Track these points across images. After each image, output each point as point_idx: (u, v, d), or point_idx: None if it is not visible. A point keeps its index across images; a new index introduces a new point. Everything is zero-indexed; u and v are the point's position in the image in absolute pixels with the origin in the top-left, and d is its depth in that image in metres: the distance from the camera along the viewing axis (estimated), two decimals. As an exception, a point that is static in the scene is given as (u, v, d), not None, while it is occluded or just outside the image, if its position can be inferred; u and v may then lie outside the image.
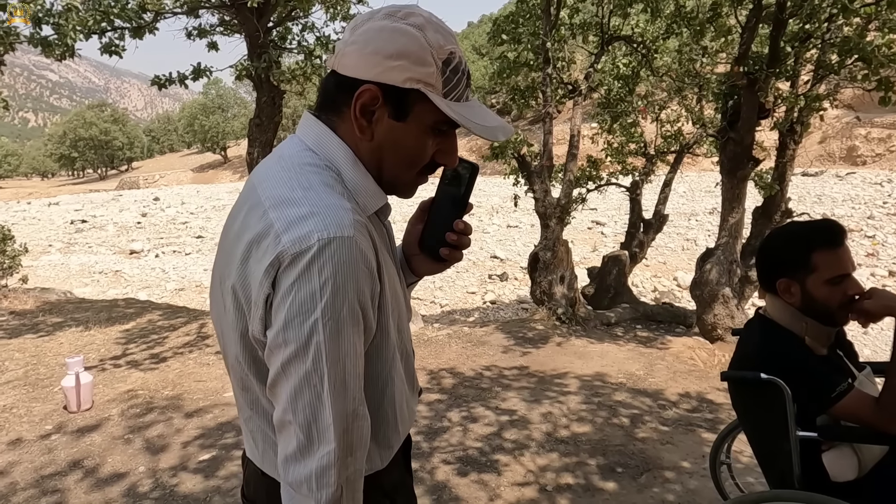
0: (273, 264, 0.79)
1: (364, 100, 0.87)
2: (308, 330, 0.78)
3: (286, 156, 0.92)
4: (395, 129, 0.90)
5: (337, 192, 0.86)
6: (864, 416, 1.68)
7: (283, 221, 0.81)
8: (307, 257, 0.77)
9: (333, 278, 0.77)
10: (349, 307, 0.79)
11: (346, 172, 0.91)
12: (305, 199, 0.82)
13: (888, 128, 24.27)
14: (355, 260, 0.79)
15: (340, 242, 0.78)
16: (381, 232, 0.98)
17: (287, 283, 0.78)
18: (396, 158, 0.92)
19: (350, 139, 0.92)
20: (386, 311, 0.91)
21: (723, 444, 2.61)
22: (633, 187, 8.48)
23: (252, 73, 6.13)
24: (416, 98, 0.87)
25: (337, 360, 0.80)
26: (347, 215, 0.81)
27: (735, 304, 5.91)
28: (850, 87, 5.89)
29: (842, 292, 1.77)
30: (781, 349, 1.82)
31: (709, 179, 18.34)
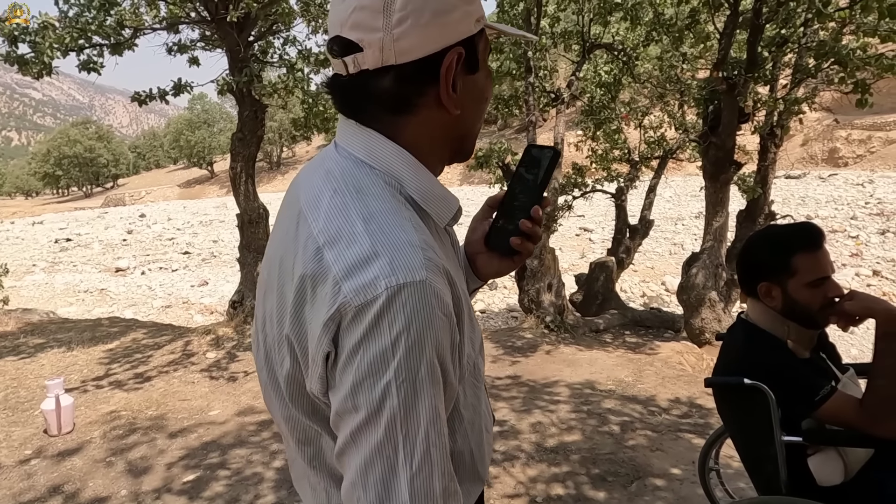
0: (333, 318, 0.67)
1: (448, 70, 0.75)
2: (380, 394, 0.66)
3: (335, 172, 0.77)
4: (474, 82, 0.79)
5: (405, 215, 0.73)
6: (848, 418, 1.67)
7: (342, 264, 0.67)
8: (374, 310, 0.65)
9: (407, 332, 0.65)
10: (427, 365, 0.67)
11: (408, 181, 0.78)
12: (367, 234, 0.69)
13: (867, 129, 24.66)
14: (431, 308, 0.66)
15: (413, 289, 0.65)
16: (447, 240, 0.87)
17: (353, 341, 0.66)
18: (478, 112, 0.82)
19: (426, 134, 0.79)
20: (466, 346, 0.78)
21: (711, 450, 2.60)
22: (619, 193, 8.52)
23: (234, 87, 6.10)
24: (479, 38, 0.79)
25: (416, 428, 0.67)
26: (418, 254, 0.68)
27: (722, 308, 5.93)
28: (828, 90, 5.97)
29: (822, 295, 1.77)
30: (764, 354, 1.81)
31: (694, 184, 18.50)
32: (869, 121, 24.18)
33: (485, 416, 0.93)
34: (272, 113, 30.88)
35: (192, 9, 6.00)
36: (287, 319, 0.73)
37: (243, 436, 3.87)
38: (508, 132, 36.79)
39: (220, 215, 30.06)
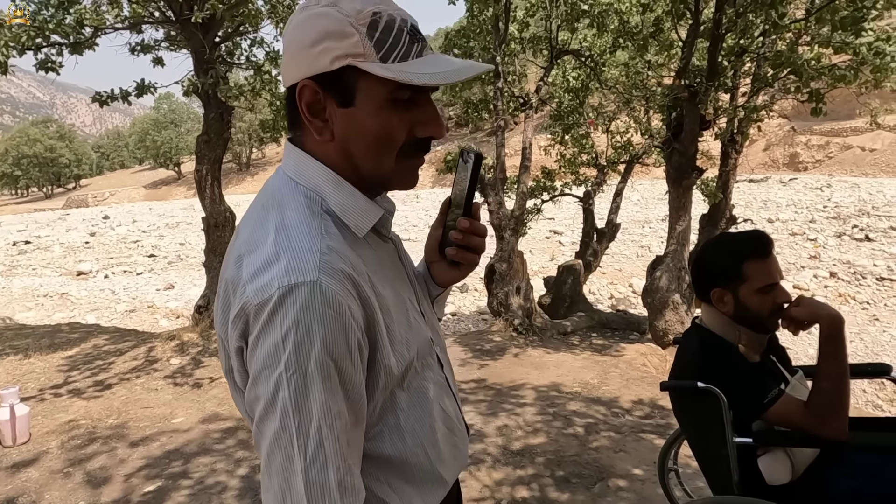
0: (239, 315, 0.75)
1: (306, 98, 0.81)
2: (273, 385, 0.72)
3: (268, 189, 0.86)
4: (349, 116, 0.82)
5: (315, 225, 0.79)
6: (795, 420, 1.73)
7: (249, 269, 0.76)
8: (269, 307, 0.72)
9: (296, 328, 0.71)
10: (317, 360, 0.71)
11: (330, 196, 0.84)
12: (275, 242, 0.77)
13: (826, 135, 25.50)
14: (321, 306, 0.72)
15: (304, 289, 0.72)
16: (381, 249, 0.91)
17: (253, 336, 0.74)
18: (365, 147, 0.83)
19: (319, 151, 0.85)
20: (386, 351, 0.82)
21: (669, 450, 2.66)
22: (586, 197, 8.64)
23: (199, 89, 6.00)
24: (353, 76, 0.79)
25: (308, 420, 0.72)
26: (314, 257, 0.74)
27: (685, 310, 6.07)
28: (785, 98, 6.17)
29: (772, 300, 1.83)
30: (717, 358, 1.87)
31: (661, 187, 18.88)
32: (827, 127, 25.00)
33: (444, 416, 0.96)
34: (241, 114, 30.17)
35: (155, 8, 5.89)
36: (219, 320, 0.82)
37: (207, 443, 3.81)
38: (480, 135, 36.98)
39: (188, 217, 29.47)
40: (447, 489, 0.96)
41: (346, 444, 0.75)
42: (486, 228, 1.01)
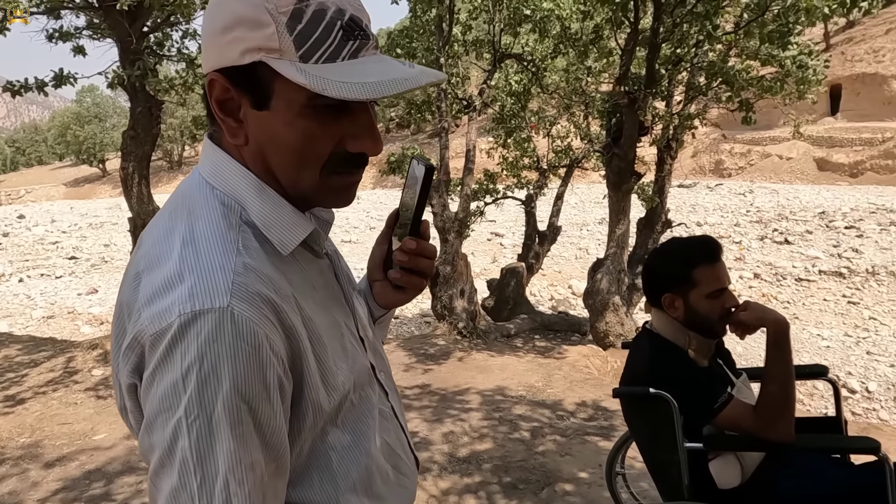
0: (132, 346, 0.64)
1: (216, 94, 0.69)
2: (171, 433, 0.60)
3: (180, 193, 0.74)
4: (264, 120, 0.69)
5: (230, 238, 0.67)
6: (744, 424, 1.74)
7: (147, 290, 0.64)
8: (167, 338, 0.60)
9: (199, 364, 0.59)
10: (225, 403, 0.60)
11: (251, 205, 0.71)
12: (180, 258, 0.64)
13: (748, 143, 26.98)
14: (233, 338, 0.60)
15: (211, 317, 0.60)
16: (313, 266, 0.79)
17: (148, 371, 0.62)
18: (282, 158, 0.71)
19: (236, 154, 0.73)
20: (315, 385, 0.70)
21: (617, 455, 2.66)
22: (528, 200, 8.73)
23: (125, 81, 5.63)
24: (269, 73, 0.66)
25: (213, 475, 0.60)
26: (226, 278, 0.62)
27: (624, 312, 6.21)
28: (717, 107, 6.44)
29: (720, 305, 1.84)
30: (668, 363, 1.86)
31: (597, 191, 19.43)
32: (748, 136, 26.44)
33: (388, 452, 0.85)
34: (172, 109, 28.98)
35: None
36: (112, 350, 0.70)
37: (133, 461, 3.54)
38: (421, 137, 36.95)
39: (113, 217, 27.87)
40: None
41: (262, 500, 0.63)
42: (435, 249, 0.89)
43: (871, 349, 8.33)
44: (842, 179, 23.28)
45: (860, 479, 1.78)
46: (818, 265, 12.08)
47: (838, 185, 22.42)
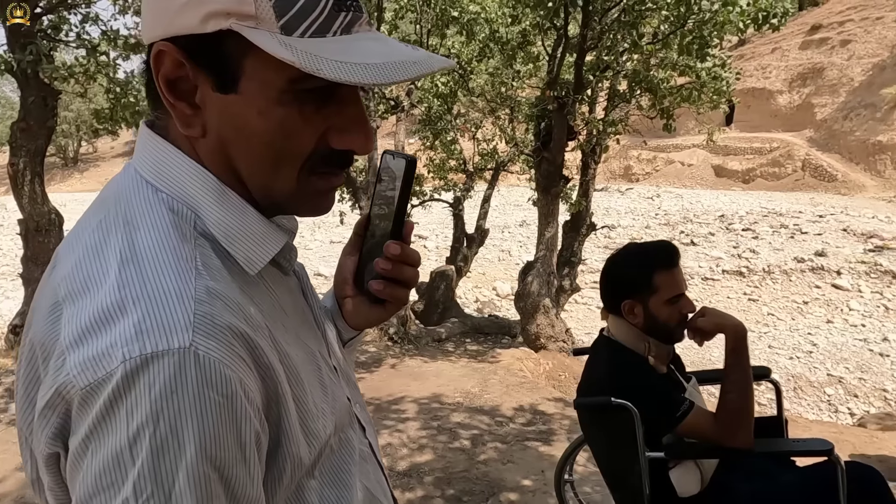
0: (52, 405, 0.47)
1: (164, 70, 0.53)
2: None
3: (110, 198, 0.57)
4: (230, 106, 0.54)
5: (184, 255, 0.52)
6: (705, 431, 1.74)
7: (74, 326, 0.48)
8: (107, 393, 0.45)
9: (154, 425, 0.45)
10: (189, 473, 0.45)
11: (208, 212, 0.56)
12: (119, 283, 0.48)
13: (654, 150, 28.56)
14: (196, 388, 0.46)
15: (168, 361, 0.45)
16: (281, 286, 0.64)
17: (79, 438, 0.46)
18: (251, 155, 0.56)
19: (188, 147, 0.57)
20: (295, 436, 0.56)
21: (566, 464, 2.63)
22: (456, 203, 8.72)
23: (14, 67, 5.04)
24: (239, 47, 0.51)
25: None
26: (186, 308, 0.48)
27: (554, 314, 6.31)
28: (639, 114, 6.70)
29: (678, 311, 1.83)
30: (629, 372, 1.83)
31: (517, 194, 19.84)
32: (654, 143, 27.97)
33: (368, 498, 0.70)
34: (68, 101, 26.82)
35: (-47, -34, 4.85)
36: (21, 406, 0.53)
37: (28, 497, 3.13)
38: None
39: (-4, 219, 25.27)
40: None
41: None
42: (419, 255, 0.75)
43: (772, 343, 8.99)
44: (736, 185, 25.17)
45: (812, 479, 1.83)
46: (721, 265, 12.92)
47: (733, 191, 24.21)
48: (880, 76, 23.78)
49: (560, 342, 6.14)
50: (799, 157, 23.84)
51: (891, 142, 21.41)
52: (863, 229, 13.64)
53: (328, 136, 0.57)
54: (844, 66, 25.60)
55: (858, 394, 7.29)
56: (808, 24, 29.13)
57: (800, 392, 7.51)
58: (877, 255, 11.68)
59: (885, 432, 4.28)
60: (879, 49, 24.97)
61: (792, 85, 27.18)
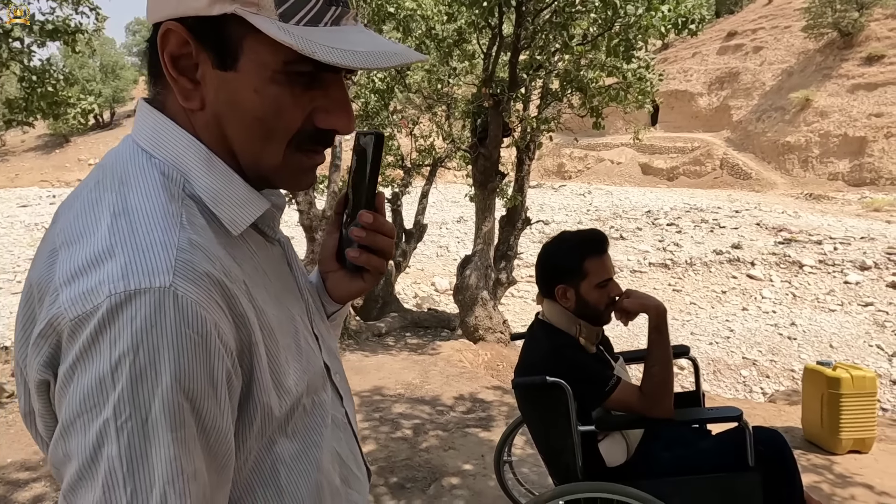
0: (45, 334, 0.52)
1: (170, 48, 0.60)
2: (94, 438, 0.50)
3: (107, 163, 0.63)
4: (227, 82, 0.61)
5: (171, 211, 0.57)
6: (631, 404, 1.88)
7: (67, 267, 0.54)
8: (93, 324, 0.50)
9: (134, 354, 0.50)
10: (164, 401, 0.50)
11: (197, 176, 0.62)
12: (109, 231, 0.54)
13: (585, 149, 29.53)
14: (175, 323, 0.51)
15: (148, 297, 0.51)
16: (265, 251, 0.71)
17: (66, 365, 0.51)
18: (242, 128, 0.63)
19: (185, 120, 0.64)
20: (266, 385, 0.61)
21: (505, 444, 2.75)
22: (394, 199, 8.74)
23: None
24: (239, 29, 0.59)
25: (148, 488, 0.50)
26: (168, 254, 0.53)
27: (492, 306, 6.46)
28: (570, 113, 6.95)
29: (607, 294, 1.97)
30: (562, 352, 1.95)
31: (453, 190, 20.03)
32: (585, 142, 28.92)
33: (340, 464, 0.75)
34: (-29, 90, 24.64)
35: None
36: (18, 340, 0.59)
37: None
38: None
39: None
40: None
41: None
42: (394, 228, 0.82)
43: (694, 330, 9.55)
44: (661, 183, 26.40)
45: (725, 443, 2.01)
46: (648, 258, 13.57)
47: (659, 188, 25.39)
48: (788, 81, 25.57)
49: (498, 333, 6.30)
50: (717, 157, 25.27)
51: (798, 143, 23.08)
52: (774, 223, 14.68)
53: (314, 116, 0.64)
54: (757, 70, 27.36)
55: (770, 374, 7.89)
56: (724, 30, 30.92)
57: (718, 374, 8.04)
58: (786, 248, 12.61)
59: (791, 406, 4.68)
60: (788, 56, 26.84)
61: (711, 88, 28.78)
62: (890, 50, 23.08)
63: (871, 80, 22.71)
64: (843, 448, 3.36)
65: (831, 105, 22.97)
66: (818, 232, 13.44)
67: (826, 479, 3.13)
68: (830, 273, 11.17)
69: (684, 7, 4.81)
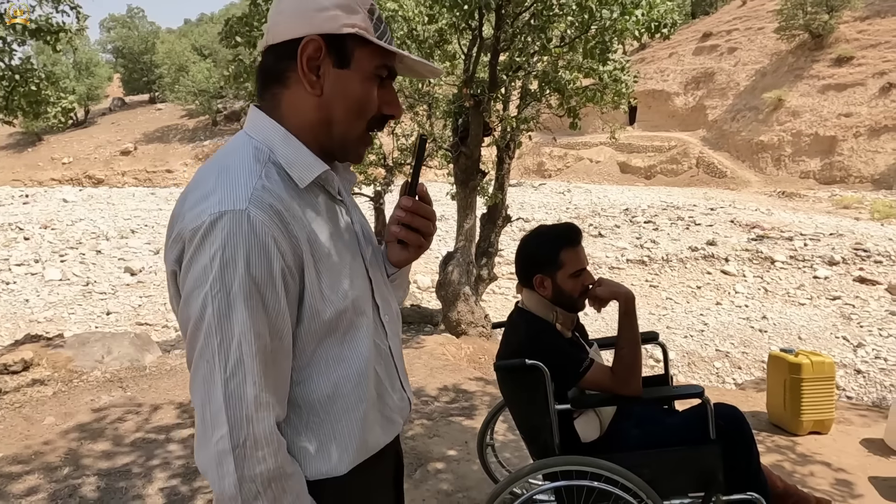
0: (175, 241, 0.83)
1: (309, 52, 0.89)
2: (200, 304, 0.80)
3: (226, 146, 0.94)
4: (342, 77, 0.92)
5: (257, 170, 0.86)
6: (603, 383, 2.04)
7: (189, 201, 0.85)
8: (200, 232, 0.80)
9: (222, 251, 0.79)
10: (240, 282, 0.79)
11: (278, 148, 0.91)
12: (215, 180, 0.85)
13: (565, 147, 29.88)
14: (245, 233, 0.80)
15: (231, 216, 0.80)
16: (330, 207, 0.96)
17: (186, 259, 0.82)
18: (346, 108, 0.93)
19: (295, 107, 0.93)
20: (314, 292, 0.88)
21: (487, 428, 2.90)
22: (377, 197, 8.85)
23: None
24: (354, 44, 0.91)
25: (230, 337, 0.79)
26: (244, 190, 0.82)
27: (474, 301, 6.61)
28: (549, 113, 7.12)
29: (581, 283, 2.12)
30: (540, 337, 2.10)
31: (435, 189, 20.09)
32: (564, 141, 29.28)
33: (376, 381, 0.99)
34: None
35: None
36: (164, 250, 0.88)
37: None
38: (253, 131, 35.05)
39: None
40: (369, 453, 0.98)
41: (265, 364, 0.82)
42: (433, 211, 1.05)
43: (670, 324, 9.81)
44: (639, 181, 26.82)
45: (689, 419, 2.18)
46: (626, 255, 13.84)
47: (637, 186, 25.80)
48: (762, 81, 26.17)
49: (480, 327, 6.45)
50: (694, 155, 25.75)
51: (771, 142, 23.64)
52: (747, 220, 15.06)
53: (382, 106, 0.96)
54: (732, 71, 27.94)
55: (742, 366, 8.17)
56: (700, 31, 31.50)
57: (693, 367, 8.29)
58: (758, 244, 12.97)
59: (758, 392, 4.91)
60: (761, 57, 27.46)
61: (687, 88, 29.30)
62: (858, 52, 23.76)
63: (840, 81, 23.35)
64: (804, 429, 3.58)
65: (803, 105, 23.57)
66: (790, 229, 13.84)
67: (788, 459, 3.34)
68: (801, 268, 11.53)
69: (656, 12, 5.00)
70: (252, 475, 0.81)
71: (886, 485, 3.01)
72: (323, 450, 0.92)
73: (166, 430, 3.80)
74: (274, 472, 0.83)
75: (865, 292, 10.17)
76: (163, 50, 41.91)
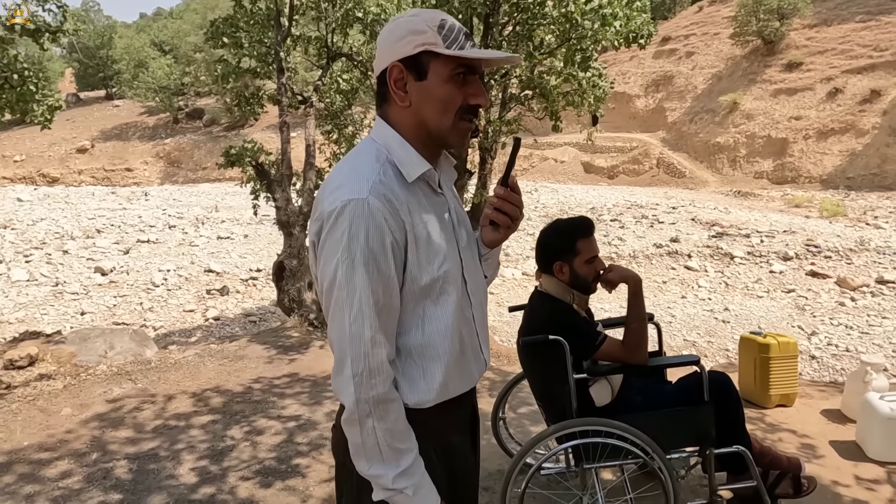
0: (317, 220, 1.12)
1: (394, 76, 1.15)
2: (333, 267, 1.07)
3: (359, 146, 1.22)
4: (423, 87, 1.15)
5: (378, 169, 1.13)
6: (615, 354, 2.36)
7: (327, 190, 1.13)
8: (334, 215, 1.07)
9: (349, 228, 1.06)
10: (361, 251, 1.05)
11: (394, 150, 1.17)
12: (347, 176, 1.12)
13: (531, 147, 30.39)
14: (366, 215, 1.06)
15: (356, 203, 1.06)
16: (431, 198, 1.21)
17: (324, 234, 1.09)
18: (432, 108, 1.15)
19: (398, 117, 1.19)
20: (414, 262, 1.13)
21: (501, 403, 3.20)
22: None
23: None
24: (427, 59, 1.13)
25: (354, 292, 1.06)
26: (366, 184, 1.09)
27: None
28: (531, 116, 7.47)
29: (594, 268, 2.44)
30: (560, 316, 2.41)
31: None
32: (529, 140, 29.79)
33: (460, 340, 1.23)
34: None
35: None
36: (309, 228, 1.19)
37: None
38: (216, 129, 34.57)
39: None
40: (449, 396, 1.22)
41: (379, 313, 1.08)
42: (521, 200, 1.32)
43: (639, 317, 10.29)
44: (602, 180, 27.53)
45: (685, 386, 2.53)
46: (595, 252, 14.35)
47: (601, 185, 26.50)
48: (718, 85, 27.23)
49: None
50: (654, 156, 26.58)
51: (727, 143, 24.65)
52: (707, 218, 15.80)
53: (467, 98, 1.17)
54: (689, 74, 28.97)
55: (707, 354, 8.70)
56: (659, 35, 32.49)
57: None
58: (718, 241, 13.66)
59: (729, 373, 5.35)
60: (717, 61, 28.55)
61: (647, 90, 30.23)
62: (807, 58, 24.99)
63: (790, 86, 24.51)
64: (772, 402, 4.00)
65: (756, 108, 24.64)
66: (746, 226, 14.59)
67: (759, 428, 3.74)
68: (758, 263, 12.23)
69: (634, 24, 5.39)
70: (367, 398, 1.07)
71: (844, 447, 3.44)
72: (415, 386, 1.18)
73: (185, 417, 3.97)
74: (382, 396, 1.09)
75: (817, 285, 10.90)
76: (121, 45, 40.80)
